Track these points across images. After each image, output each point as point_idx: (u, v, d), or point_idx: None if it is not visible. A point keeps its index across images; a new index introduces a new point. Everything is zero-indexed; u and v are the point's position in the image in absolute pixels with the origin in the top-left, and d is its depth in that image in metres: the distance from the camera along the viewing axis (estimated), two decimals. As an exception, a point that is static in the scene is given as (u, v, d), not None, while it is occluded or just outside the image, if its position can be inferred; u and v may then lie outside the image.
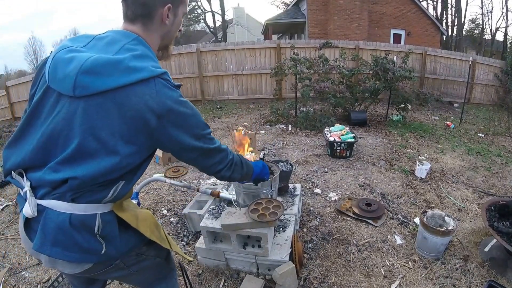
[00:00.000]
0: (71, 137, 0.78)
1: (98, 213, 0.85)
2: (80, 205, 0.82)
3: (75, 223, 0.82)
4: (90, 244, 0.84)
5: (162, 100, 0.80)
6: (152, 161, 4.09)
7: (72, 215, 0.81)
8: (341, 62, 5.74)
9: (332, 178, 3.38)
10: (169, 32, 0.95)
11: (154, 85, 0.79)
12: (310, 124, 5.32)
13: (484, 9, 31.63)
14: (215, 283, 1.92)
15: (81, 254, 0.84)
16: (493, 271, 1.95)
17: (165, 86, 0.82)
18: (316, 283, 1.89)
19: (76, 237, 0.82)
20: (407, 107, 5.83)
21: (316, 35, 12.34)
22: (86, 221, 0.83)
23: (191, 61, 7.79)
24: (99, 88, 0.75)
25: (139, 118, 0.78)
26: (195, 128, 0.89)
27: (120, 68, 0.76)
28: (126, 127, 0.78)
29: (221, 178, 1.09)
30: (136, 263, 1.02)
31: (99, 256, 0.87)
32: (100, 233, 0.85)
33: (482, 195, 3.04)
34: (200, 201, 2.47)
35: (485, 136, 5.38)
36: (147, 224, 0.99)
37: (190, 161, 0.97)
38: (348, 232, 2.39)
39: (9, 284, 2.01)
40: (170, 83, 0.84)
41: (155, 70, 0.80)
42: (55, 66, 0.80)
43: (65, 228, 0.81)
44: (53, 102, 0.82)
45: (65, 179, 0.79)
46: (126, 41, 0.84)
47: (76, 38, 0.88)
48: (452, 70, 8.31)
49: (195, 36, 26.63)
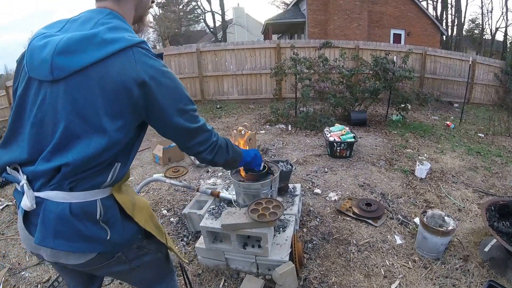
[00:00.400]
0: (57, 122, 0.77)
1: (98, 198, 0.84)
2: (79, 193, 0.81)
3: (76, 211, 0.80)
4: (93, 232, 0.83)
5: (142, 69, 0.78)
6: (152, 161, 4.09)
7: (72, 204, 0.80)
8: (341, 62, 5.74)
9: (332, 178, 3.38)
10: (141, 2, 0.93)
11: (133, 55, 0.78)
12: (310, 124, 5.33)
13: (484, 9, 31.78)
14: (215, 283, 1.92)
15: (85, 243, 0.83)
16: (493, 271, 1.95)
17: (145, 55, 0.80)
18: (316, 283, 1.89)
19: (78, 226, 0.81)
20: (407, 107, 5.83)
21: (316, 35, 12.34)
22: (87, 208, 0.82)
23: (191, 61, 7.79)
24: (76, 67, 0.74)
25: (121, 91, 0.76)
26: (178, 102, 0.86)
27: (94, 42, 0.75)
28: (109, 102, 0.76)
29: (202, 160, 1.04)
30: (137, 257, 1.00)
31: (104, 244, 0.85)
32: (103, 219, 0.84)
33: (482, 195, 3.04)
34: (200, 201, 2.47)
35: (485, 136, 5.38)
36: (143, 213, 0.97)
37: (171, 138, 0.94)
38: (348, 232, 2.39)
39: (9, 284, 2.01)
40: (150, 52, 0.82)
41: (131, 39, 0.78)
42: (31, 54, 0.79)
43: (66, 218, 0.79)
44: (35, 92, 0.80)
45: (57, 167, 0.78)
46: (100, 17, 0.82)
47: (51, 25, 0.87)
48: (452, 70, 8.31)
49: (195, 36, 26.63)
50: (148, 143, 4.85)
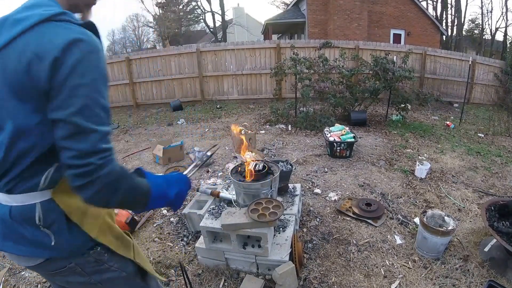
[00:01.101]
0: None
1: (38, 201, 0.79)
2: (17, 196, 0.78)
3: (15, 215, 0.79)
4: (36, 236, 0.80)
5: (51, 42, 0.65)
6: (152, 161, 4.09)
7: (12, 207, 0.79)
8: (341, 62, 5.74)
9: (332, 178, 3.38)
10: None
11: (44, 29, 0.67)
12: (310, 124, 5.33)
13: (484, 9, 31.91)
14: (215, 283, 1.92)
15: (30, 247, 0.81)
16: (493, 271, 1.95)
17: (60, 26, 0.68)
18: (316, 283, 1.89)
19: (20, 230, 0.80)
20: (407, 107, 5.84)
21: (316, 35, 12.35)
22: (24, 212, 0.79)
23: (191, 61, 7.79)
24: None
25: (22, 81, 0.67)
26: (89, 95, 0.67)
27: (6, 25, 0.69)
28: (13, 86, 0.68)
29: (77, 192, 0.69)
30: (96, 272, 0.89)
31: (49, 249, 0.81)
32: (43, 224, 0.79)
33: (482, 195, 3.05)
34: (200, 201, 2.47)
35: (485, 136, 5.39)
36: (97, 222, 0.86)
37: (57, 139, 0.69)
38: (348, 232, 2.39)
39: (9, 284, 2.01)
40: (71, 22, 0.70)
41: (44, 13, 0.67)
42: None
43: (7, 222, 0.79)
44: None
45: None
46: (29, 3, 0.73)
47: None
48: (452, 70, 8.31)
49: (195, 36, 26.66)
50: (148, 143, 4.85)
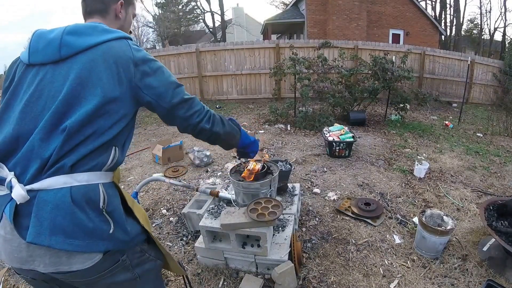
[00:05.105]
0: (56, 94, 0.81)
1: (101, 182, 0.83)
2: (81, 174, 0.79)
3: (77, 197, 0.76)
4: (96, 224, 0.78)
5: (135, 53, 0.91)
6: (151, 161, 4.09)
7: (73, 188, 0.76)
8: (340, 62, 5.75)
9: (331, 177, 3.38)
10: (122, 27, 1.07)
11: (128, 43, 0.92)
12: (309, 124, 5.33)
13: (483, 9, 31.98)
14: (214, 282, 1.92)
15: (86, 239, 0.76)
16: (491, 271, 1.96)
17: (136, 45, 0.94)
18: (315, 283, 1.89)
19: (79, 216, 0.75)
20: (406, 107, 5.84)
21: (315, 35, 12.34)
22: (89, 193, 0.78)
23: (190, 61, 7.79)
24: (82, 46, 0.84)
25: (120, 64, 0.87)
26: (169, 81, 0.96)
27: (98, 29, 0.89)
28: (110, 73, 0.85)
29: (200, 131, 1.04)
30: (140, 263, 0.95)
31: (107, 240, 0.80)
32: (107, 208, 0.81)
33: (480, 195, 3.05)
34: (199, 201, 2.47)
35: (483, 136, 5.40)
36: (141, 213, 0.99)
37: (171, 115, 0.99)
38: (347, 232, 2.40)
39: (9, 283, 2.00)
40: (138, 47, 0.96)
41: (125, 34, 0.94)
42: (38, 39, 0.87)
43: (66, 207, 0.74)
44: (32, 76, 0.85)
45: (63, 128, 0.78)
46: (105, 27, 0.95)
47: None
48: (451, 70, 8.33)
49: (195, 36, 26.62)
50: (148, 143, 4.85)
